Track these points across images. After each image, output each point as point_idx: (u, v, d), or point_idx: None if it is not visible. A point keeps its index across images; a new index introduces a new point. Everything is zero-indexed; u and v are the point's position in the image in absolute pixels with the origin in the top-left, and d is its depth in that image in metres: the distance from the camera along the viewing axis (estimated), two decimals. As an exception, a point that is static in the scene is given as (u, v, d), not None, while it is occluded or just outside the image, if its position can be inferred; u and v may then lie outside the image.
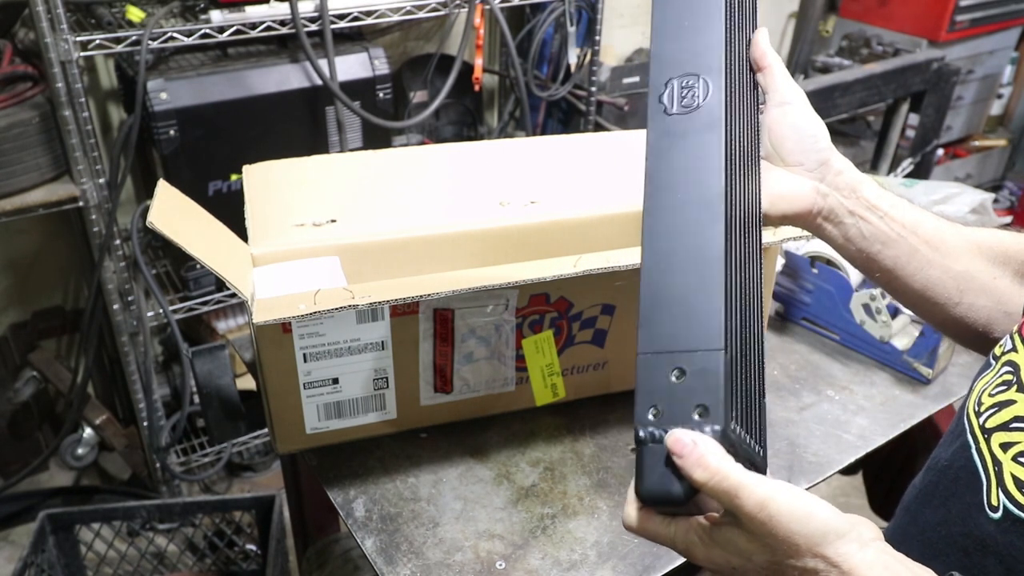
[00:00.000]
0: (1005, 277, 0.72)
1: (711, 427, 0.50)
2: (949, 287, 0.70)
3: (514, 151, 1.16)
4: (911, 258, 0.69)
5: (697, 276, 0.55)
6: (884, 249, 0.69)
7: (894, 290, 0.72)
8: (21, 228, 1.85)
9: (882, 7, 2.86)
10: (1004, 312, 0.71)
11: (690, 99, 0.60)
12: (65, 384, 1.90)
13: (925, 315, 0.74)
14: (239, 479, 2.11)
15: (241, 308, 1.96)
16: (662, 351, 0.53)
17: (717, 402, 0.50)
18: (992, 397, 0.61)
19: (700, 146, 0.59)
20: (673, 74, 0.61)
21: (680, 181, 0.58)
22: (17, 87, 1.54)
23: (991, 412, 0.60)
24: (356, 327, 0.85)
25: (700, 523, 0.53)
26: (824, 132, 0.67)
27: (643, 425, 0.51)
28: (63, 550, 1.61)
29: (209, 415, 0.98)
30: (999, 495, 0.57)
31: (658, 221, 0.57)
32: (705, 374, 0.51)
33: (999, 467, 0.57)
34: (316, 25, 1.62)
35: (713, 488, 0.49)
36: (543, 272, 0.82)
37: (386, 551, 0.83)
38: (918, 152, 2.63)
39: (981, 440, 0.60)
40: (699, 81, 0.60)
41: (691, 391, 0.51)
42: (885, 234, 0.68)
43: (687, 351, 0.52)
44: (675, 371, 0.52)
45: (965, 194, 1.37)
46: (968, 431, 0.62)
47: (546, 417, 1.01)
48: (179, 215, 0.86)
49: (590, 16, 2.12)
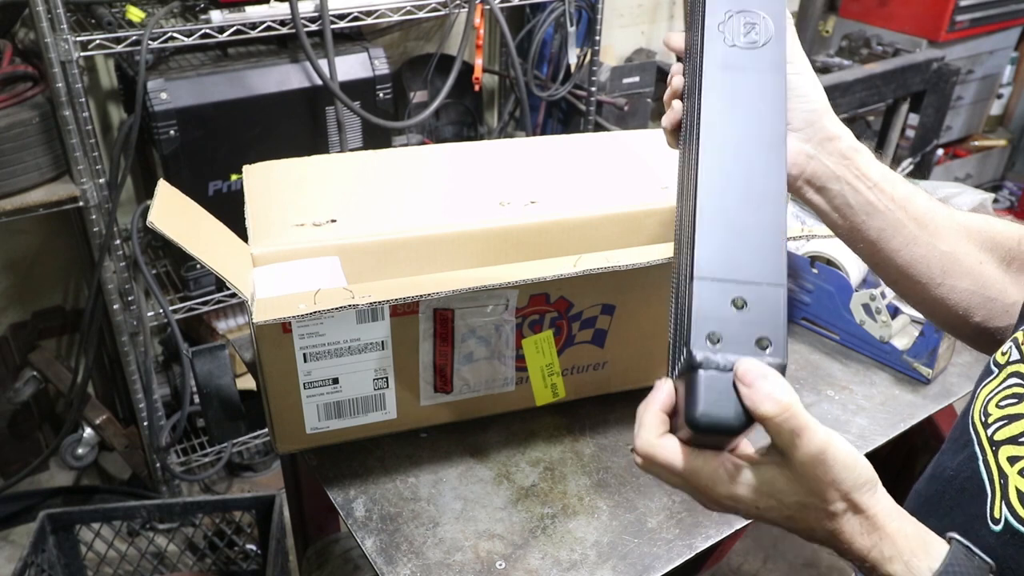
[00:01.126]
0: (991, 263, 0.71)
1: (774, 360, 0.49)
2: (933, 266, 0.69)
3: (514, 151, 1.16)
4: (896, 232, 0.68)
5: (760, 212, 0.54)
6: (869, 220, 0.67)
7: (876, 264, 0.71)
8: (21, 228, 1.85)
9: (882, 7, 2.86)
10: (986, 297, 0.70)
11: (753, 36, 0.60)
12: (65, 384, 1.90)
13: (905, 292, 0.73)
14: (239, 479, 2.11)
15: (241, 308, 1.96)
16: (723, 279, 0.51)
17: (779, 337, 0.50)
18: (1001, 409, 0.60)
19: (763, 85, 0.58)
20: (733, 7, 0.61)
21: (742, 116, 0.58)
22: (17, 87, 1.54)
23: (1000, 424, 0.60)
24: (356, 327, 0.85)
25: (732, 459, 0.52)
26: (818, 94, 0.65)
27: (700, 349, 0.49)
28: (63, 550, 1.61)
29: (209, 415, 0.98)
30: (1002, 507, 0.57)
31: (717, 149, 0.56)
32: (767, 307, 0.50)
33: (1005, 480, 0.57)
34: (316, 25, 1.62)
35: (778, 424, 0.48)
36: (543, 272, 0.82)
37: (386, 551, 0.83)
38: (918, 152, 2.63)
39: (989, 452, 0.60)
40: (763, 20, 0.60)
41: (753, 323, 0.50)
42: (872, 204, 0.67)
43: (750, 283, 0.51)
44: (736, 300, 0.51)
45: (965, 194, 1.37)
46: (976, 442, 0.61)
47: (546, 417, 1.01)
48: (179, 215, 0.86)
49: (590, 16, 2.12)
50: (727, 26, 0.60)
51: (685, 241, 0.56)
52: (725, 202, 0.54)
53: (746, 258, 0.52)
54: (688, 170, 0.59)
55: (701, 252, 0.52)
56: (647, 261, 0.86)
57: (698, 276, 0.51)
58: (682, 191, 0.61)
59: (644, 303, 0.95)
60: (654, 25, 2.65)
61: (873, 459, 0.90)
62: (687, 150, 0.61)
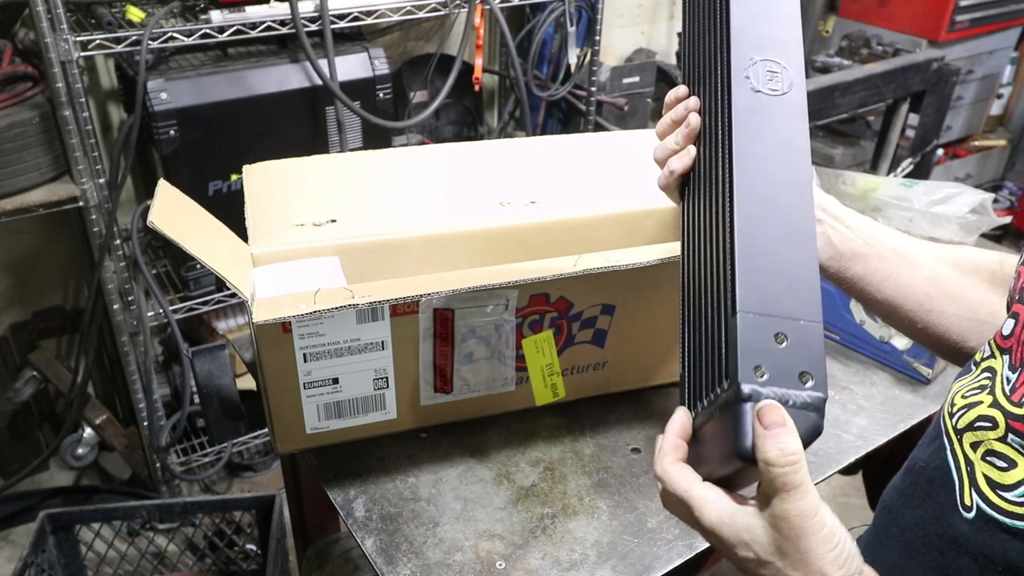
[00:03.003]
0: (977, 286, 0.74)
1: (815, 394, 0.51)
2: (919, 292, 0.72)
3: (514, 151, 1.16)
4: (879, 264, 0.72)
5: (796, 250, 0.56)
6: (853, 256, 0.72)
7: (866, 299, 0.75)
8: (21, 228, 1.85)
9: (882, 7, 2.86)
10: (976, 320, 0.73)
11: (776, 84, 0.63)
12: (65, 384, 1.90)
13: (898, 324, 0.76)
14: (239, 479, 2.11)
15: (241, 308, 1.96)
16: (767, 314, 0.53)
17: (820, 371, 0.52)
18: (965, 399, 0.62)
19: (790, 131, 0.61)
20: (756, 54, 0.63)
21: (772, 158, 0.60)
22: (17, 87, 1.54)
23: (961, 412, 0.61)
24: (356, 327, 0.85)
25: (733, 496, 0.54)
26: None
27: (748, 383, 0.51)
28: (63, 550, 1.61)
29: (209, 415, 0.98)
30: (972, 495, 0.57)
31: (751, 189, 0.58)
32: (807, 342, 0.53)
33: (971, 467, 0.58)
34: (316, 25, 1.62)
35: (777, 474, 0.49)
36: (543, 272, 0.82)
37: (386, 551, 0.83)
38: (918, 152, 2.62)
39: (955, 440, 0.61)
40: (784, 70, 0.63)
41: (794, 357, 0.52)
42: (852, 241, 0.71)
43: (791, 319, 0.54)
44: (778, 335, 0.53)
45: (965, 194, 1.36)
46: (944, 433, 0.62)
47: (546, 417, 1.01)
48: (179, 215, 0.86)
49: (590, 16, 2.12)
50: (752, 72, 0.63)
51: (716, 277, 0.57)
52: (763, 241, 0.56)
53: (785, 294, 0.54)
54: (716, 209, 0.60)
55: (743, 288, 0.54)
56: (647, 261, 0.86)
57: (741, 310, 0.53)
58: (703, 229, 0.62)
59: (644, 303, 0.95)
60: (654, 25, 2.65)
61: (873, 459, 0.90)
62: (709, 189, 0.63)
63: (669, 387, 1.05)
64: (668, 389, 1.05)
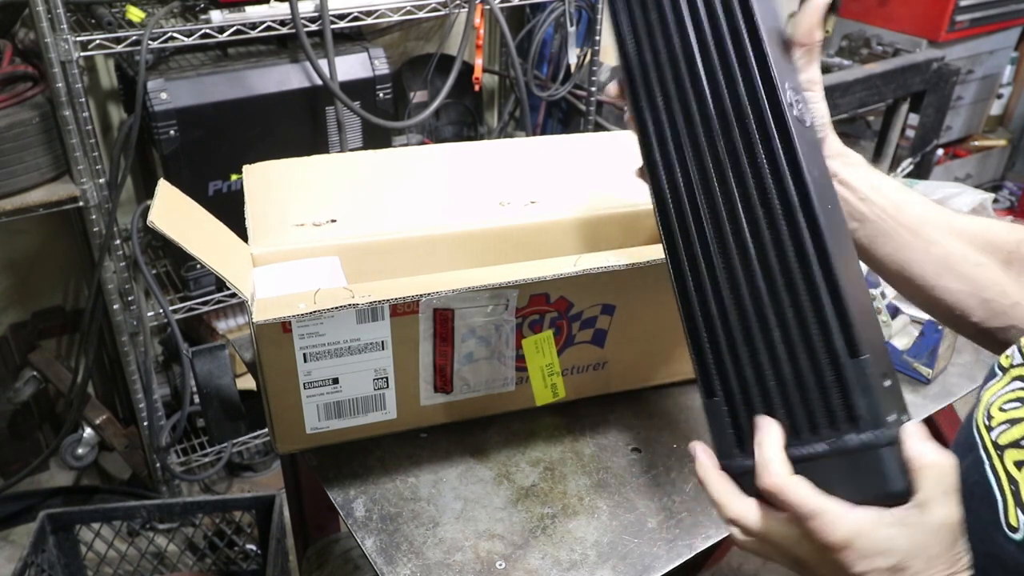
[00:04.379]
0: (991, 266, 0.72)
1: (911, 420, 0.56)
2: (927, 270, 0.71)
3: (514, 151, 1.16)
4: (888, 239, 0.71)
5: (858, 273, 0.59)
6: (860, 228, 0.71)
7: (871, 266, 0.74)
8: (21, 228, 1.85)
9: (882, 7, 2.86)
10: (982, 299, 0.71)
11: (807, 115, 0.61)
12: (65, 384, 1.90)
13: (901, 290, 0.76)
14: (239, 479, 2.11)
15: (241, 308, 1.96)
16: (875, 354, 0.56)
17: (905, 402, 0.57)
18: (1004, 412, 0.60)
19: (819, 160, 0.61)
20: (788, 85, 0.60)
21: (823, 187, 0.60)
22: (17, 87, 1.54)
23: (1003, 428, 0.60)
24: (356, 327, 0.85)
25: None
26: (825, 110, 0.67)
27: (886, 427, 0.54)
28: (63, 550, 1.61)
29: (209, 415, 0.98)
30: (1017, 515, 0.56)
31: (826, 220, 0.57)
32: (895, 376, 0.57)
33: (1016, 486, 0.57)
34: (316, 25, 1.62)
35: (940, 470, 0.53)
36: (543, 272, 0.82)
37: (386, 551, 0.83)
38: (918, 152, 2.62)
39: (995, 456, 0.60)
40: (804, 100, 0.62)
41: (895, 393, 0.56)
42: (863, 214, 0.70)
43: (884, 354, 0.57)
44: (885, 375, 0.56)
45: (965, 194, 1.36)
46: (980, 445, 0.61)
47: (546, 417, 1.01)
48: (179, 215, 0.86)
49: (590, 16, 2.12)
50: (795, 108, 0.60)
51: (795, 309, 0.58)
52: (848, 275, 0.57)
53: (871, 327, 0.57)
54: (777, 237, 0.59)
55: (860, 329, 0.55)
56: (647, 261, 0.86)
57: (865, 353, 0.55)
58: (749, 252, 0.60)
59: (644, 303, 0.95)
60: (654, 25, 2.64)
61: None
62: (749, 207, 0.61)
63: (669, 387, 1.05)
64: (668, 389, 1.05)
